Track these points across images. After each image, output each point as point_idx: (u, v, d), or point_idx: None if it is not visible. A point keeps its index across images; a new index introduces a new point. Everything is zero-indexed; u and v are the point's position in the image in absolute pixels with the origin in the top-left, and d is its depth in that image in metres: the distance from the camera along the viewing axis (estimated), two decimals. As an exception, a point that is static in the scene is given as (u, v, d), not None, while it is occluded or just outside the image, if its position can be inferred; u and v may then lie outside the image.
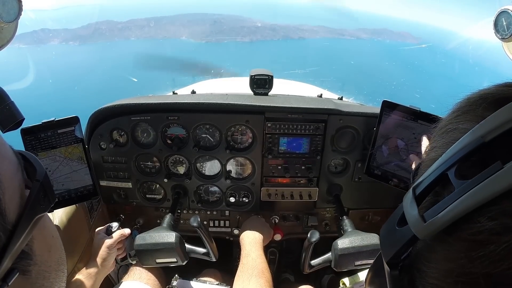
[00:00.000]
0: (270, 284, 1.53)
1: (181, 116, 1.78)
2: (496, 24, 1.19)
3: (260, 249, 1.73)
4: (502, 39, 1.19)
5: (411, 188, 0.44)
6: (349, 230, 1.67)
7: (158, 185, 2.00)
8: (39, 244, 0.47)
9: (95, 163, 1.84)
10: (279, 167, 1.93)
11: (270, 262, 2.22)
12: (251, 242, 1.76)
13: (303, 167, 1.93)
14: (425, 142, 1.47)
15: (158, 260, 1.57)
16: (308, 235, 1.59)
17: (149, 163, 1.93)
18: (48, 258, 0.50)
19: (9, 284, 0.38)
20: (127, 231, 1.67)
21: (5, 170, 0.41)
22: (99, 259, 1.54)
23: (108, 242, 1.57)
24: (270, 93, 1.98)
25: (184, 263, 1.59)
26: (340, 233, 1.71)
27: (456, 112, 0.47)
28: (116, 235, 1.62)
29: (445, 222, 0.36)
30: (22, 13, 1.04)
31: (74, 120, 1.49)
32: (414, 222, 0.40)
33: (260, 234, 1.83)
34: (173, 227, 1.71)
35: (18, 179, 0.45)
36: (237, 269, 1.61)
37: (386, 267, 0.46)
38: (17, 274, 0.40)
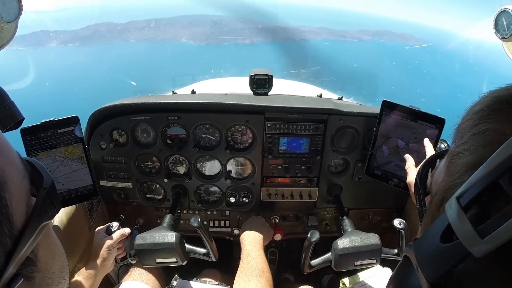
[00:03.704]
0: (271, 283, 1.53)
1: (181, 116, 1.79)
2: (496, 23, 1.19)
3: (261, 249, 1.73)
4: (502, 38, 1.19)
5: (455, 198, 0.39)
6: (349, 230, 1.67)
7: (158, 185, 1.99)
8: (44, 251, 0.48)
9: (95, 163, 1.84)
10: (279, 167, 1.93)
11: (270, 262, 2.21)
12: (252, 241, 1.76)
13: (303, 167, 1.93)
14: (428, 144, 1.46)
15: (158, 260, 1.57)
16: (308, 235, 1.59)
17: (149, 163, 1.93)
18: (52, 265, 0.50)
19: None
20: (127, 230, 1.67)
21: (12, 176, 0.41)
22: (99, 259, 1.54)
23: (108, 242, 1.57)
24: (270, 93, 1.98)
25: (184, 263, 1.59)
26: (340, 233, 1.71)
27: (484, 111, 0.44)
28: (117, 235, 1.62)
29: (507, 236, 0.32)
30: (23, 13, 1.05)
31: (74, 120, 1.49)
32: (468, 238, 0.36)
33: (260, 234, 1.83)
34: (173, 227, 1.71)
35: (24, 186, 0.45)
36: (237, 269, 1.60)
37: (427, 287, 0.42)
38: (22, 280, 0.40)
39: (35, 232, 0.43)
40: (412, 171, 1.51)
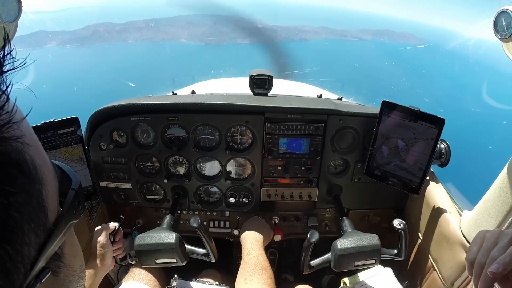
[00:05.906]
0: (273, 280, 1.53)
1: (180, 116, 1.79)
2: (496, 24, 1.19)
3: (261, 248, 1.74)
4: (502, 39, 1.19)
5: None
6: (349, 230, 1.67)
7: (158, 186, 1.99)
8: (69, 248, 0.50)
9: (95, 164, 1.84)
10: (279, 168, 1.93)
11: (270, 262, 2.19)
12: (252, 241, 1.76)
13: (303, 168, 1.93)
14: None
15: (158, 261, 1.57)
16: (308, 236, 1.59)
17: (149, 164, 1.93)
18: (74, 263, 0.53)
19: (42, 281, 0.41)
20: (111, 225, 1.63)
21: (47, 175, 0.44)
22: (97, 259, 1.54)
23: (100, 240, 1.55)
24: (270, 93, 1.98)
25: (183, 264, 1.59)
26: (340, 233, 1.71)
27: None
28: (103, 231, 1.57)
29: None
30: (23, 14, 1.05)
31: (74, 121, 1.49)
32: None
33: (261, 235, 1.83)
34: (173, 227, 1.71)
35: (55, 186, 0.47)
36: (237, 269, 1.60)
37: None
38: (49, 273, 0.42)
39: (65, 229, 0.45)
40: None
